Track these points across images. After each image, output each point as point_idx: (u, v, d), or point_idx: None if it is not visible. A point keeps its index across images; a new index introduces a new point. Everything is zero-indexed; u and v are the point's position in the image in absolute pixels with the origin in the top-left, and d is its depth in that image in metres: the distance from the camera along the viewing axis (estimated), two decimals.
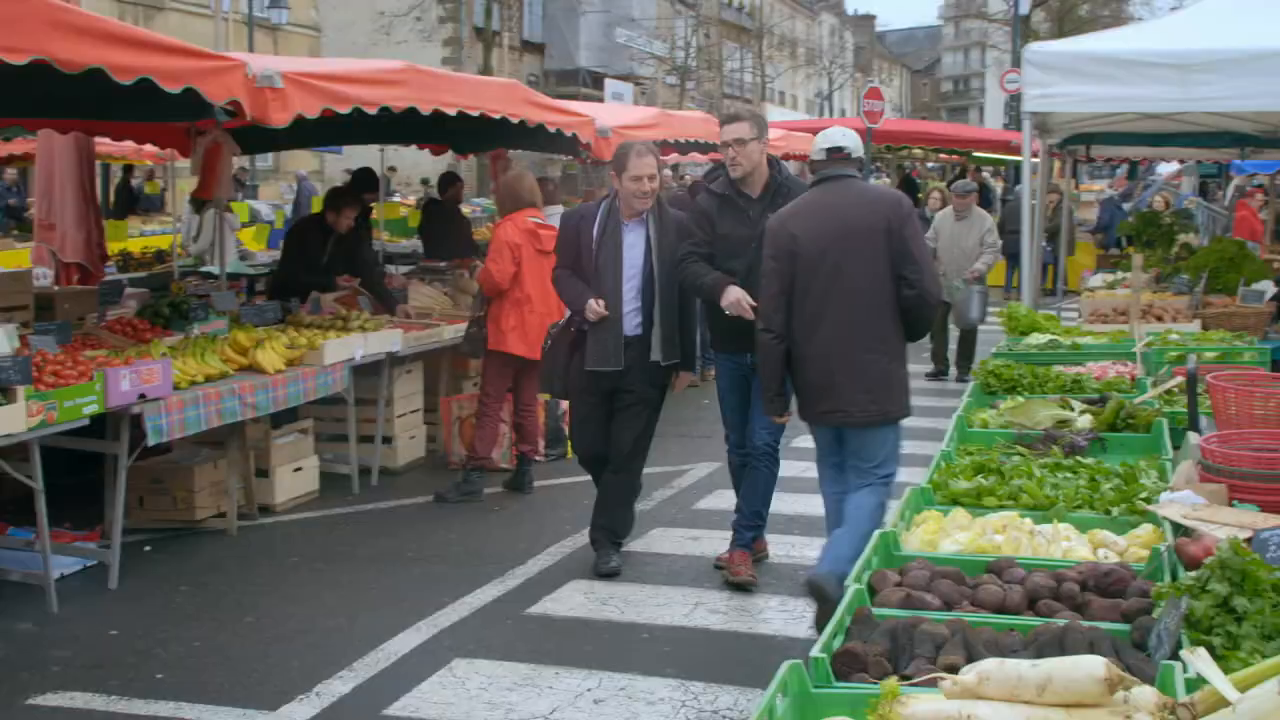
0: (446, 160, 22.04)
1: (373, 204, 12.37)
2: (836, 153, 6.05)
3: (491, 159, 12.59)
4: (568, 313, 7.48)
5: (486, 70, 33.45)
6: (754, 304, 6.40)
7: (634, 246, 7.13)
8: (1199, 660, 2.21)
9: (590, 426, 7.40)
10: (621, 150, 7.13)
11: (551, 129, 10.03)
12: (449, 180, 14.62)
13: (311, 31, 38.70)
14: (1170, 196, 20.97)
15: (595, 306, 7.01)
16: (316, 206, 24.63)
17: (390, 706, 5.53)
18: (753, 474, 7.08)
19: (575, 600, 6.97)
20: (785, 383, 6.10)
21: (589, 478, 9.42)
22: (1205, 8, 9.58)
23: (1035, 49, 8.82)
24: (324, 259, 10.35)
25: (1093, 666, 2.34)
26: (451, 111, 8.71)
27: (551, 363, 7.49)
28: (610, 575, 7.24)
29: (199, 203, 15.16)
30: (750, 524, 7.19)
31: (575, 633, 6.48)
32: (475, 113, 8.94)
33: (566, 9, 46.45)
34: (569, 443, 10.30)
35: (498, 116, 9.25)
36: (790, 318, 5.94)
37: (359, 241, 10.77)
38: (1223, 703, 2.04)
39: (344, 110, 7.72)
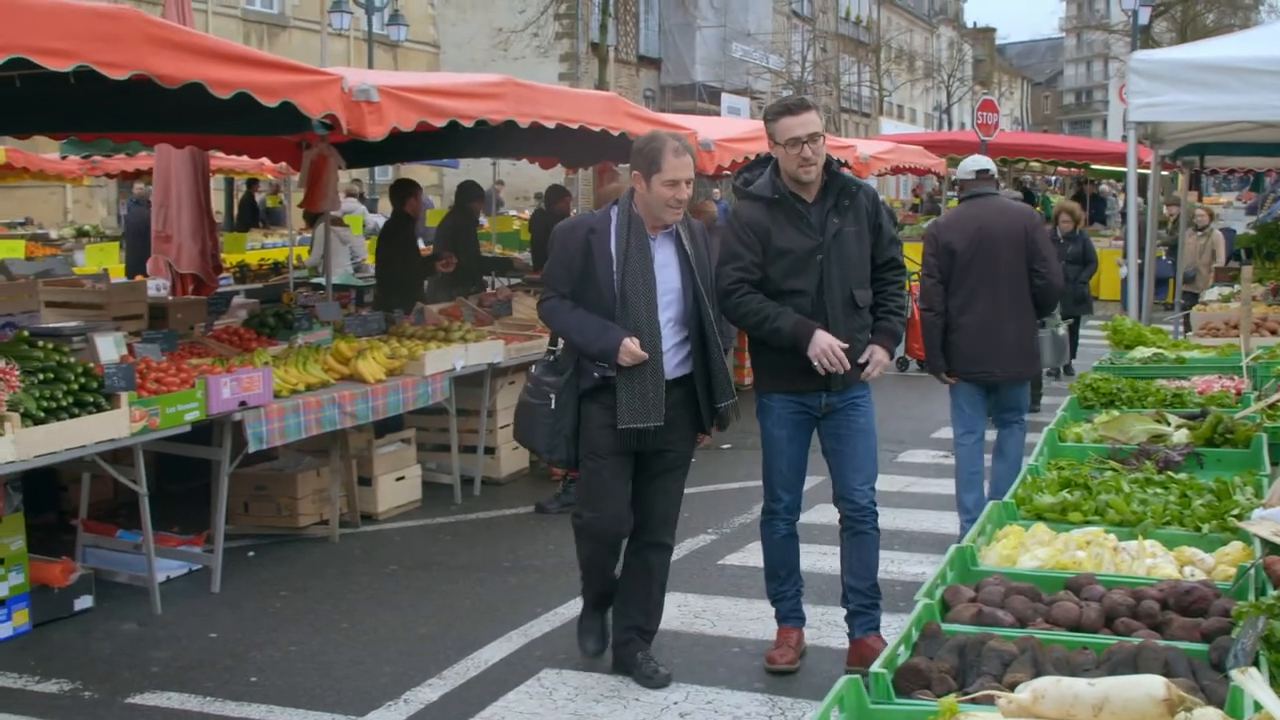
0: (556, 174, 22.20)
1: (480, 214, 12.66)
2: (984, 174, 7.86)
3: (598, 172, 12.64)
4: (558, 355, 5.89)
5: (602, 85, 33.61)
6: (845, 346, 5.55)
7: (667, 266, 5.61)
8: (1250, 681, 2.14)
9: (617, 497, 5.76)
10: (651, 145, 5.51)
11: None
12: (557, 194, 14.72)
13: (430, 48, 39.31)
14: None
15: (633, 347, 5.44)
16: (432, 220, 25.06)
17: (477, 715, 5.57)
18: (861, 541, 5.88)
19: (668, 612, 6.90)
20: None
21: (690, 490, 9.39)
22: None
23: (1141, 57, 8.65)
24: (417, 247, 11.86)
25: (1152, 686, 2.27)
26: (550, 124, 8.77)
27: (554, 422, 5.70)
28: (666, 684, 5.85)
29: (312, 216, 15.48)
30: (873, 601, 5.94)
31: (665, 645, 6.45)
32: (574, 125, 8.99)
33: (682, 24, 46.56)
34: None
35: (598, 129, 9.29)
36: (946, 300, 7.61)
37: (457, 233, 12.59)
38: None
39: (439, 124, 7.81)
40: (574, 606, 7.01)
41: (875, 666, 2.83)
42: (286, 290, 11.93)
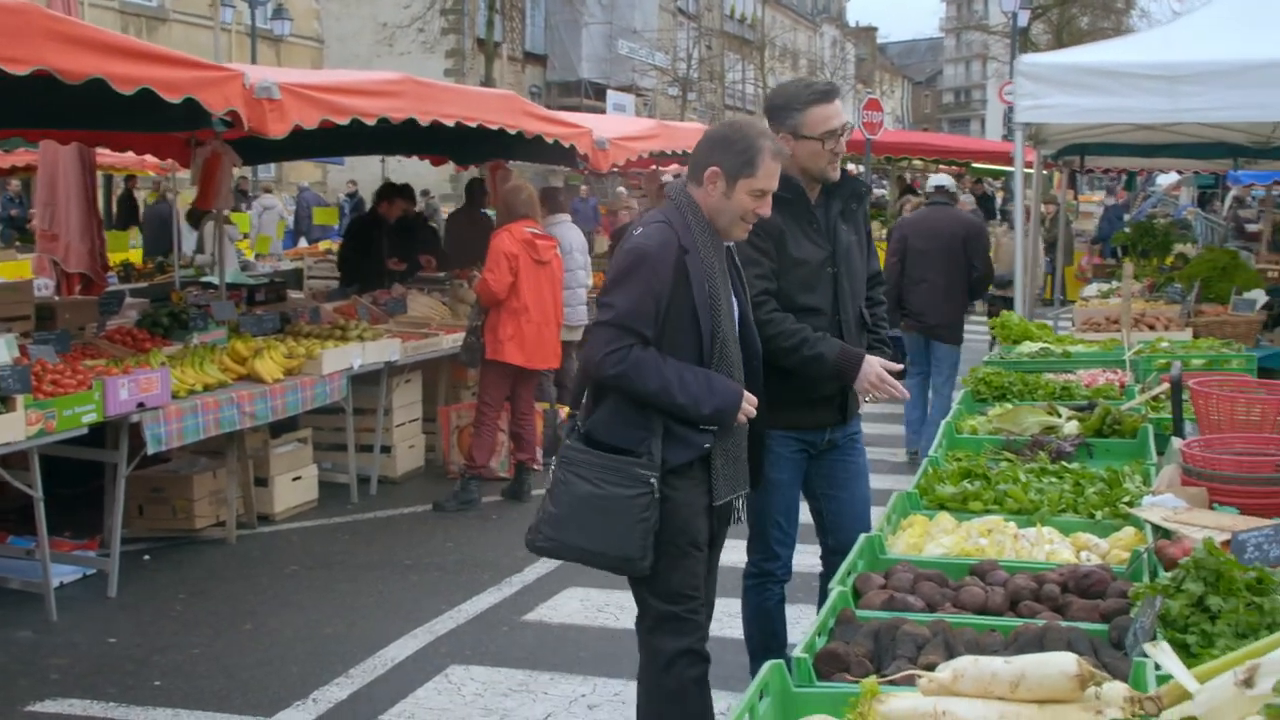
0: (448, 171, 22.05)
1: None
2: (941, 189, 10.42)
3: (491, 170, 12.65)
4: (621, 419, 4.16)
5: (489, 81, 33.53)
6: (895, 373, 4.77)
7: (727, 291, 4.29)
8: (1161, 654, 2.26)
9: (705, 594, 4.39)
10: (745, 139, 4.18)
11: (549, 140, 10.10)
12: (480, 188, 13.46)
13: (314, 43, 38.87)
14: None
15: (750, 405, 4.20)
16: (318, 218, 24.81)
17: (386, 712, 5.59)
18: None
19: (571, 607, 7.02)
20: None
21: None
22: (1194, 20, 9.67)
23: (1027, 60, 8.90)
24: (380, 249, 11.90)
25: (1065, 663, 2.39)
26: (449, 122, 8.78)
27: (650, 516, 4.08)
28: None
29: (197, 214, 15.29)
30: None
31: (571, 639, 6.53)
32: (473, 124, 9.00)
33: (569, 21, 46.60)
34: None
35: (495, 128, 9.32)
36: (902, 277, 9.81)
37: (412, 233, 12.62)
38: (1186, 695, 2.09)
39: (342, 121, 7.78)
40: (478, 603, 7.06)
41: (796, 652, 2.92)
42: (174, 289, 11.76)
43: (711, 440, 4.17)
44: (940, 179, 10.87)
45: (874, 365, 4.65)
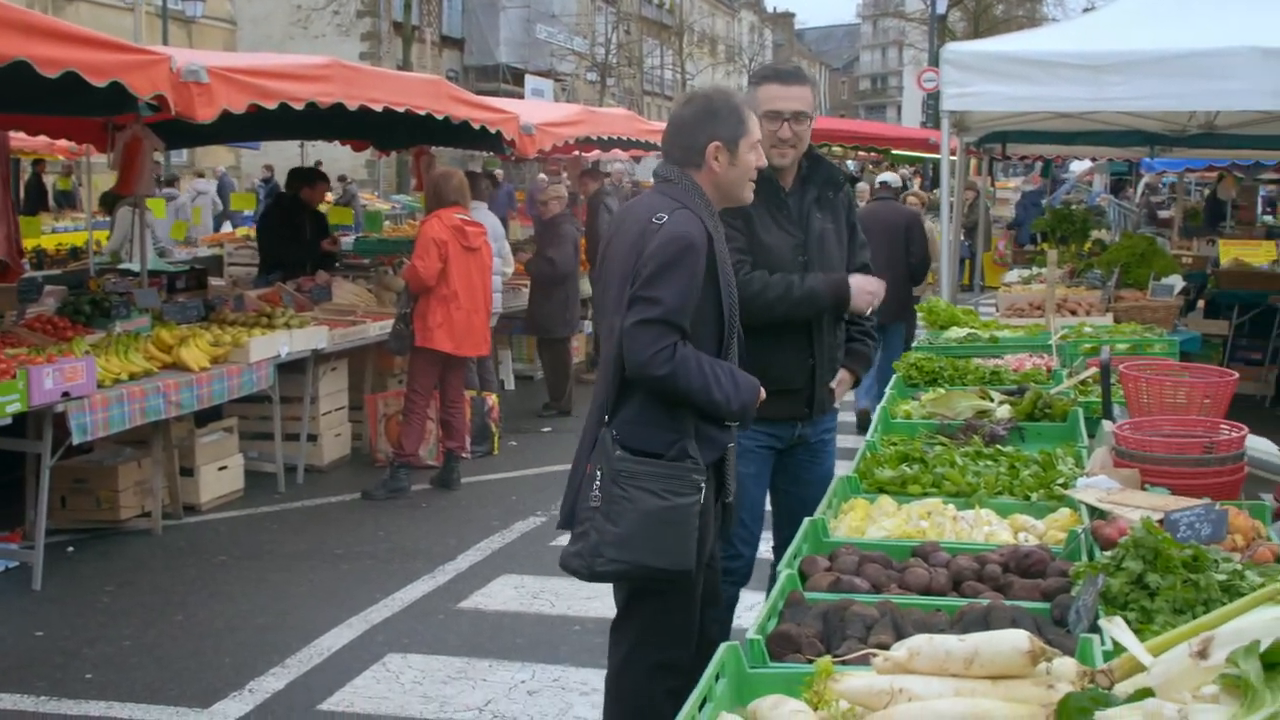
0: (364, 156, 21.85)
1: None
2: (885, 185, 11.48)
3: (414, 156, 12.58)
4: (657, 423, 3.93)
5: (406, 66, 33.28)
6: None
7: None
8: (1116, 628, 2.32)
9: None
10: (727, 102, 4.10)
11: (476, 126, 10.06)
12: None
13: (227, 25, 38.29)
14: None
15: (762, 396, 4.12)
16: (235, 203, 24.47)
17: (324, 702, 5.56)
18: None
19: (506, 594, 7.02)
20: None
21: (517, 473, 9.53)
22: (1117, 10, 9.84)
23: (953, 49, 9.01)
24: (306, 233, 11.70)
25: (1017, 640, 2.44)
26: (378, 108, 8.71)
27: (688, 527, 3.87)
28: None
29: (112, 199, 15.03)
30: None
31: (507, 626, 6.54)
32: (401, 109, 8.94)
33: (486, 4, 46.35)
34: (495, 439, 10.40)
35: (423, 113, 9.26)
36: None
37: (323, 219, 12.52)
38: (1139, 668, 2.14)
39: (270, 106, 7.71)
40: (412, 591, 7.04)
41: (750, 634, 2.96)
42: (90, 276, 11.56)
43: (732, 437, 4.10)
44: (886, 176, 12.17)
45: (859, 278, 4.72)
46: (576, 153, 16.22)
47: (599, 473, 3.85)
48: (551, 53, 49.26)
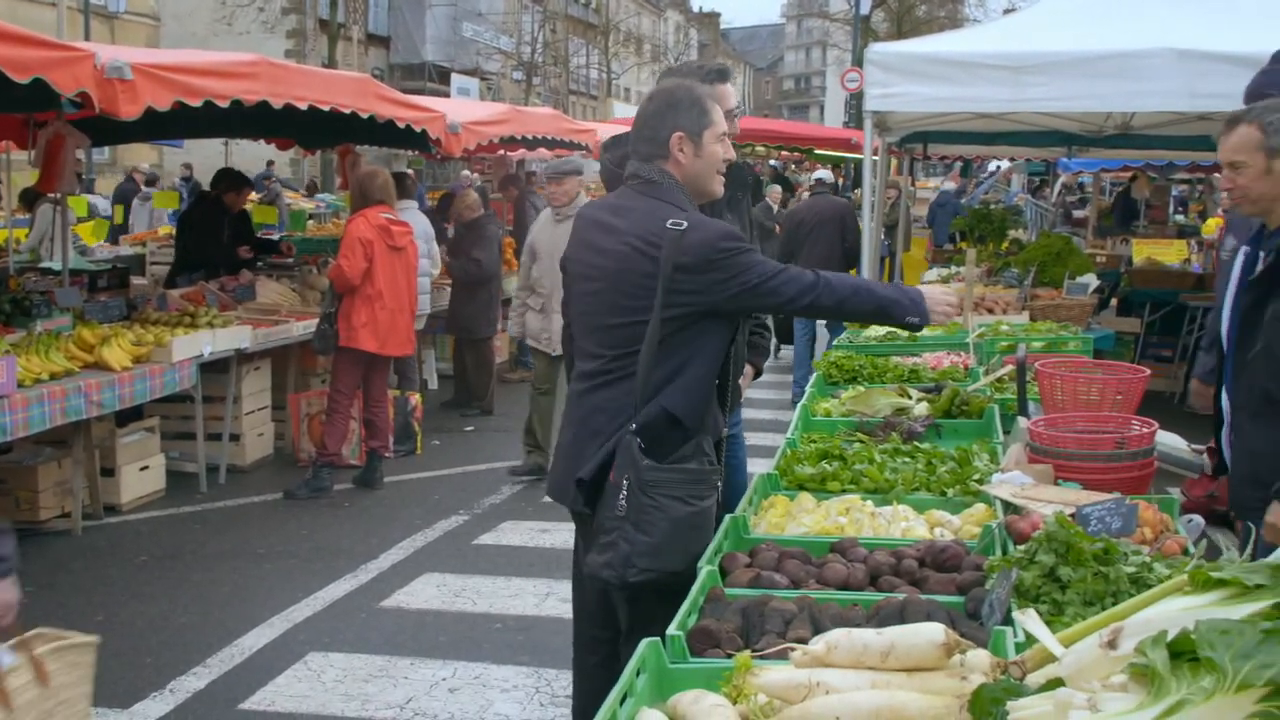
0: (289, 154, 21.61)
1: None
2: (821, 181, 13.46)
3: (340, 154, 12.50)
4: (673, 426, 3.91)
5: (331, 63, 33.00)
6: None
7: None
8: (1029, 620, 2.38)
9: None
10: (689, 93, 4.09)
11: (402, 124, 10.02)
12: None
13: (150, 20, 37.75)
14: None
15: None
16: (158, 201, 24.13)
17: (246, 701, 5.55)
18: None
19: (428, 593, 7.02)
20: None
21: (440, 472, 9.50)
22: (1038, 12, 9.99)
23: (877, 50, 9.10)
24: (225, 236, 11.63)
25: (933, 633, 2.49)
26: (303, 106, 8.65)
27: (710, 528, 3.90)
28: None
29: (32, 196, 14.80)
30: None
31: (429, 624, 6.54)
32: (326, 107, 8.89)
33: (412, 2, 46.06)
34: (418, 439, 10.38)
35: (348, 111, 9.22)
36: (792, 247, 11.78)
37: (248, 221, 12.65)
38: (1050, 659, 2.20)
39: (195, 103, 7.63)
40: (335, 590, 7.03)
41: (671, 630, 2.99)
42: (10, 275, 11.37)
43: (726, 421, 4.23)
44: (822, 173, 14.40)
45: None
46: (502, 152, 16.18)
47: (626, 482, 3.80)
48: (478, 51, 49.07)
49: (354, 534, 8.15)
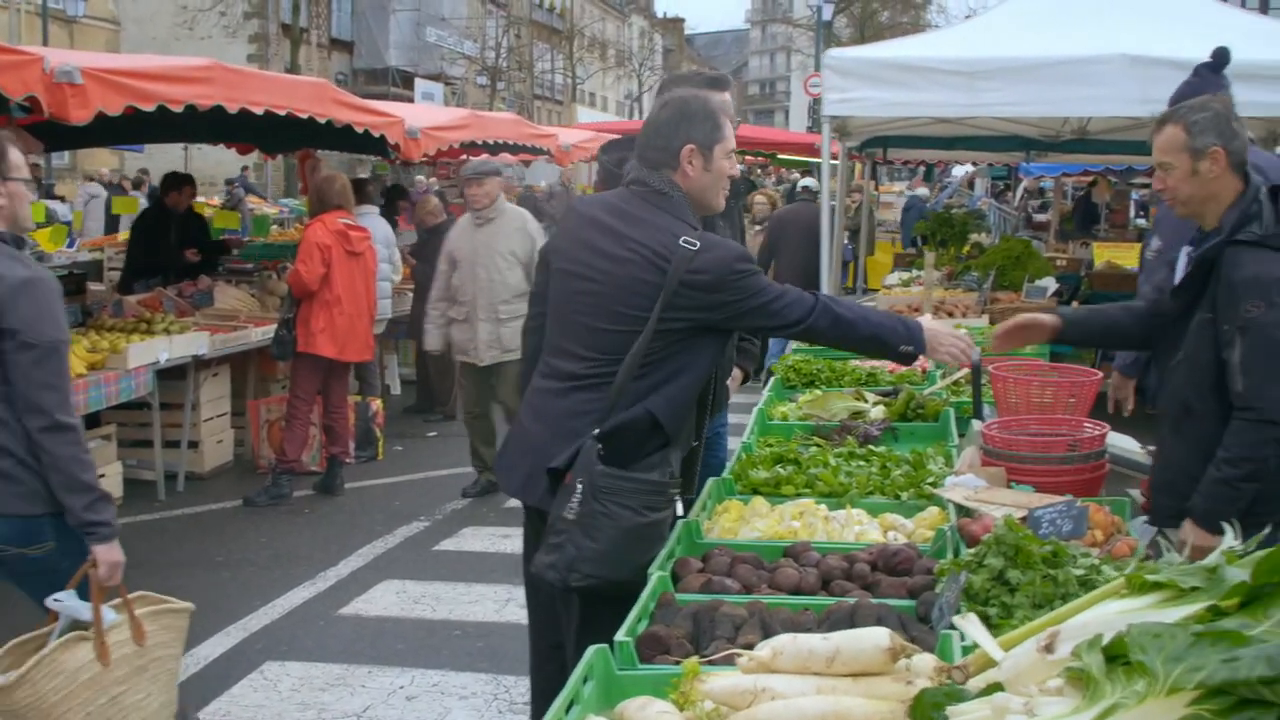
0: (252, 159, 21.50)
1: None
2: (805, 189, 13.65)
3: (300, 159, 12.45)
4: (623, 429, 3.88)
5: (294, 68, 32.84)
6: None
7: None
8: (969, 625, 2.37)
9: None
10: (704, 105, 4.08)
11: (360, 130, 9.97)
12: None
13: (110, 25, 37.50)
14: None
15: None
16: (116, 207, 23.95)
17: (200, 711, 5.48)
18: None
19: (387, 600, 6.99)
20: None
21: (401, 478, 9.46)
22: (993, 18, 10.05)
23: (834, 55, 9.14)
24: (171, 240, 11.53)
25: (878, 637, 2.48)
26: (259, 110, 8.60)
27: (661, 542, 3.80)
28: None
29: None
30: None
31: (387, 632, 6.51)
32: (283, 112, 8.84)
33: (375, 7, 45.93)
34: (379, 444, 10.33)
35: (305, 116, 9.17)
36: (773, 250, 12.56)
37: (201, 224, 12.48)
38: (992, 663, 2.20)
39: (148, 108, 7.56)
40: (293, 598, 6.99)
41: (619, 636, 2.98)
42: None
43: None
44: (807, 181, 15.00)
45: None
46: (464, 157, 16.14)
47: (580, 485, 3.76)
48: (441, 56, 48.96)
49: (314, 541, 8.10)
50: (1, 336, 4.00)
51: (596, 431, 3.80)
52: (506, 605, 6.85)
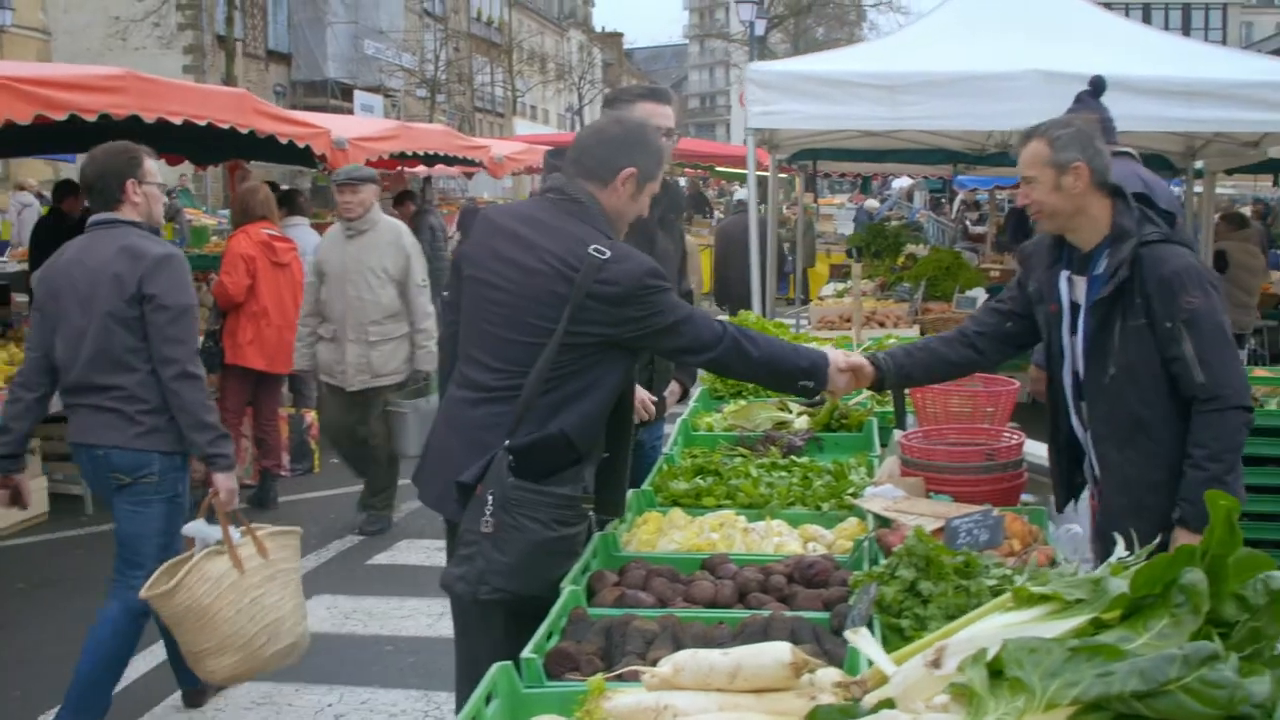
0: (181, 170, 21.19)
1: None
2: (742, 203, 12.06)
3: (229, 170, 12.31)
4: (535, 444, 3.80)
5: (230, 80, 32.51)
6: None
7: None
8: (861, 640, 2.36)
9: None
10: (650, 138, 4.07)
11: (283, 140, 9.87)
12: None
13: (40, 35, 36.95)
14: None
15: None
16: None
17: None
18: None
19: (318, 615, 6.88)
20: None
21: (337, 491, 9.34)
22: (915, 32, 10.13)
23: (757, 68, 9.18)
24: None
25: (779, 652, 2.46)
26: (177, 120, 8.49)
27: (573, 558, 3.74)
28: None
29: None
30: None
31: (317, 649, 6.35)
32: (202, 122, 8.73)
33: (313, 19, 45.58)
34: (315, 456, 10.22)
35: (226, 126, 9.06)
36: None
37: None
38: (887, 678, 2.19)
39: (59, 117, 7.45)
40: None
41: (526, 653, 2.94)
42: None
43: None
44: (743, 194, 14.62)
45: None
46: (400, 168, 16.06)
47: (490, 497, 3.70)
48: (380, 69, 48.68)
49: None
50: (142, 301, 4.96)
51: (507, 444, 3.73)
52: (440, 619, 6.77)
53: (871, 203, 26.00)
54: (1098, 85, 6.29)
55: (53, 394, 5.32)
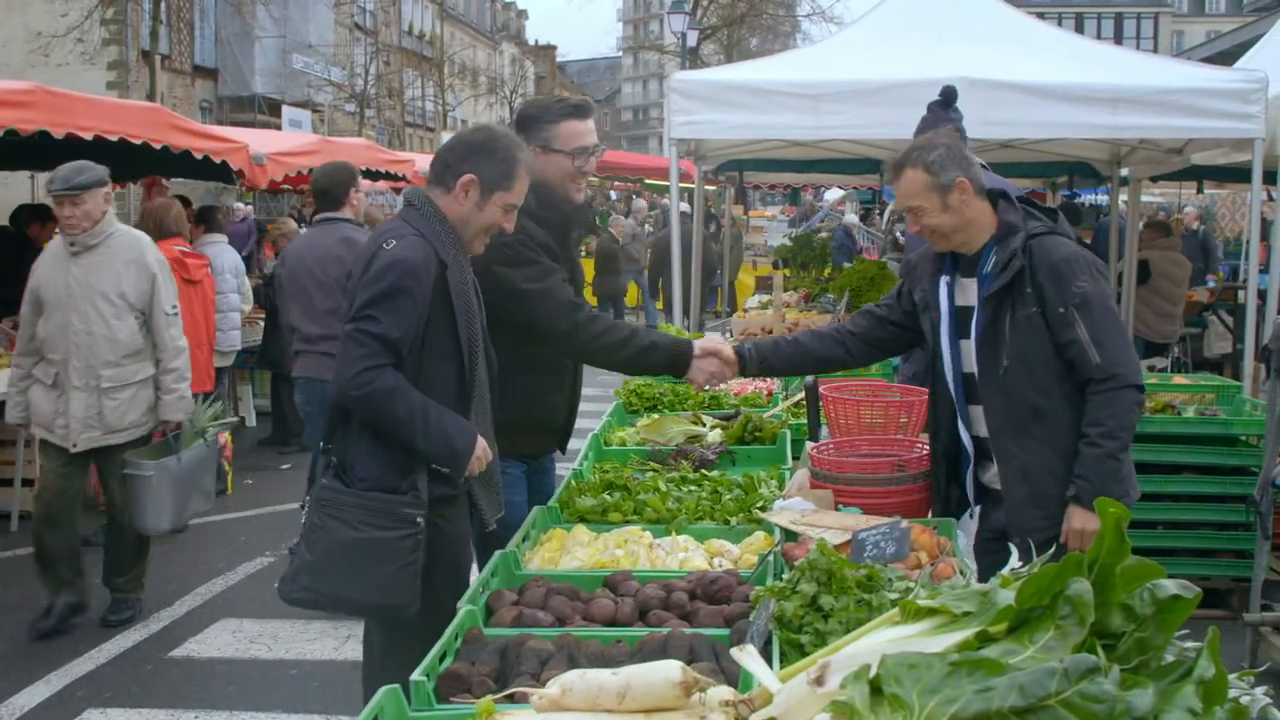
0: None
1: None
2: (684, 215, 12.04)
3: (146, 186, 12.08)
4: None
5: (153, 96, 32.06)
6: None
7: (480, 307, 4.09)
8: (745, 657, 2.28)
9: None
10: (507, 149, 3.96)
11: (199, 155, 9.68)
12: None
13: None
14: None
15: (483, 450, 3.99)
16: None
17: None
18: None
19: (222, 640, 6.73)
20: None
21: (248, 513, 9.15)
22: (839, 42, 10.10)
23: (680, 78, 9.09)
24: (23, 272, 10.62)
25: (669, 671, 2.38)
26: (87, 136, 8.30)
27: (418, 558, 3.85)
28: None
29: None
30: None
31: (219, 674, 6.26)
32: (114, 137, 8.54)
33: (240, 34, 45.08)
34: (229, 478, 10.02)
35: (139, 142, 8.87)
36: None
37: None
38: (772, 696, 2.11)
39: None
40: (119, 643, 6.71)
41: (415, 675, 2.84)
42: None
43: (448, 488, 3.96)
44: (684, 206, 14.88)
45: (705, 362, 4.52)
46: None
47: (307, 498, 3.85)
48: (309, 83, 48.27)
49: (151, 581, 7.73)
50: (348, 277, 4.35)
51: (324, 445, 3.82)
52: (346, 642, 6.64)
53: (779, 216, 26.12)
54: (948, 95, 6.47)
55: None
